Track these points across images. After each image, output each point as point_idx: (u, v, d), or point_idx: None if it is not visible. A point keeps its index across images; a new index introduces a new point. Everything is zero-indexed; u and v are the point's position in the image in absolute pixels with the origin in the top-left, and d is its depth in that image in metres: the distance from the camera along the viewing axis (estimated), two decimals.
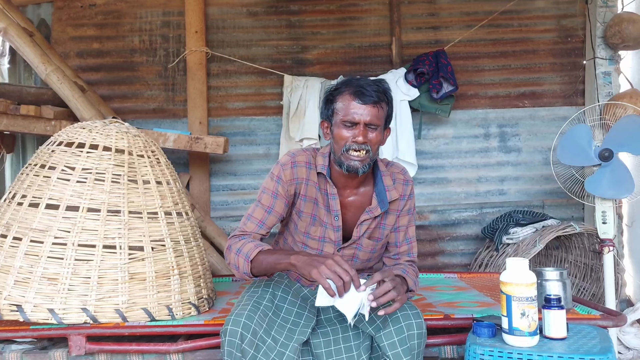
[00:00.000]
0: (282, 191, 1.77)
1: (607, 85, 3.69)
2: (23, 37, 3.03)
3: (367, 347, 1.69)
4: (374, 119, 1.68)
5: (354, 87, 1.70)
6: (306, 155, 1.81)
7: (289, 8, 3.88)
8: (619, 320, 1.91)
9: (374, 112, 1.68)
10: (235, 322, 1.56)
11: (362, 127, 1.67)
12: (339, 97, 1.72)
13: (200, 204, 3.63)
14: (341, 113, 1.70)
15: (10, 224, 1.96)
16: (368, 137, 1.68)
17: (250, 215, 1.79)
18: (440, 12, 3.91)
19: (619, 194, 2.96)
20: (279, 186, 1.77)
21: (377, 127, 1.70)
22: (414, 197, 1.90)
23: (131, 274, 1.93)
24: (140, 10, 3.85)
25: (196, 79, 3.74)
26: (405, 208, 1.86)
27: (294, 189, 1.79)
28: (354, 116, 1.67)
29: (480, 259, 3.52)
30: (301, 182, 1.78)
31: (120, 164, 2.02)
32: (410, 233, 1.88)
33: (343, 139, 1.69)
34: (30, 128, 3.18)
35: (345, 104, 1.69)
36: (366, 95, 1.67)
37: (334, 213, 1.79)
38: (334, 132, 1.73)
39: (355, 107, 1.67)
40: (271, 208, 1.77)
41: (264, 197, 1.78)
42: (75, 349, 1.81)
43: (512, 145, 3.89)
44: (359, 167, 1.69)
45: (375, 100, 1.68)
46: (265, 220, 1.77)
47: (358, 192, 1.82)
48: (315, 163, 1.80)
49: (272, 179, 1.79)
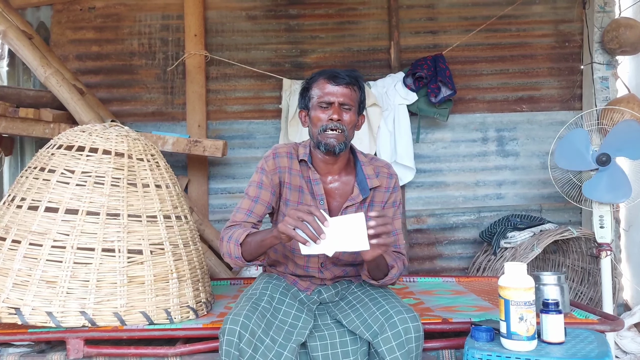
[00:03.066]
0: (266, 181, 1.84)
1: (605, 90, 3.70)
2: (22, 40, 3.03)
3: (364, 353, 1.70)
4: (347, 99, 1.80)
5: (327, 73, 1.84)
6: (287, 147, 1.91)
7: (288, 12, 3.90)
8: (617, 324, 1.92)
9: (347, 93, 1.80)
10: (234, 321, 1.56)
11: (336, 106, 1.79)
12: (314, 84, 1.84)
13: (198, 206, 3.64)
14: (316, 96, 1.82)
15: (9, 227, 1.96)
16: (342, 117, 1.79)
17: (239, 207, 1.85)
18: (438, 17, 3.92)
19: (617, 199, 2.97)
20: (263, 176, 1.85)
21: (351, 107, 1.81)
22: (399, 192, 1.95)
23: (130, 277, 1.93)
24: (139, 14, 3.86)
25: (195, 82, 3.75)
26: (390, 200, 1.90)
27: (278, 177, 1.86)
28: (328, 97, 1.79)
29: (478, 263, 3.53)
30: (284, 170, 1.86)
31: (119, 167, 2.02)
32: (396, 225, 1.91)
33: (320, 120, 1.80)
34: (29, 131, 3.18)
35: (320, 88, 1.82)
36: (339, 77, 1.80)
37: (319, 197, 1.84)
38: (312, 116, 1.83)
39: (329, 88, 1.80)
40: (257, 197, 1.84)
41: (250, 189, 1.86)
42: (73, 352, 1.81)
43: (510, 150, 3.91)
44: (335, 144, 1.78)
45: (348, 82, 1.80)
46: (253, 209, 1.82)
47: (340, 180, 1.88)
48: (297, 153, 1.89)
49: (257, 172, 1.87)
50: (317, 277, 1.89)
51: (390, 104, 3.65)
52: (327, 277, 1.89)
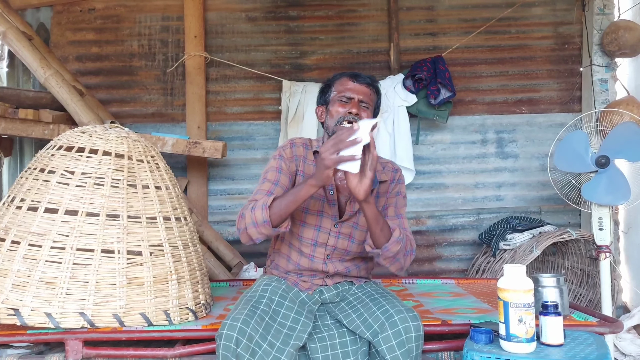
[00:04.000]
0: (284, 167, 1.89)
1: (604, 92, 3.71)
2: (22, 41, 3.03)
3: (364, 353, 1.70)
4: (366, 97, 1.88)
5: (349, 72, 1.93)
6: (303, 139, 2.01)
7: (287, 13, 3.90)
8: (616, 326, 1.92)
9: (367, 92, 1.89)
10: (231, 326, 1.56)
11: (356, 102, 1.86)
12: (336, 82, 1.93)
13: (198, 208, 3.64)
14: (337, 92, 1.89)
15: (8, 228, 1.95)
16: (360, 112, 1.85)
17: (259, 189, 1.85)
18: (438, 19, 3.93)
19: (616, 201, 2.97)
20: (282, 162, 1.90)
21: (369, 106, 1.88)
22: (404, 184, 2.00)
23: (129, 278, 1.93)
24: (139, 15, 3.86)
25: (195, 83, 3.75)
26: (394, 190, 1.96)
27: (295, 165, 1.92)
28: (349, 93, 1.87)
29: (478, 265, 3.53)
30: (299, 159, 1.93)
31: (119, 168, 2.02)
32: (400, 210, 1.94)
33: (338, 113, 1.86)
34: (28, 132, 3.18)
35: (342, 84, 1.90)
36: (361, 77, 1.90)
37: (329, 187, 1.87)
38: (330, 110, 1.90)
39: (350, 85, 1.88)
40: (277, 181, 1.86)
41: (269, 174, 1.88)
42: (72, 353, 1.81)
43: (510, 152, 3.91)
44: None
45: (369, 82, 1.90)
46: (274, 190, 1.83)
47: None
48: (311, 145, 1.97)
49: (275, 159, 1.92)
50: (320, 270, 1.89)
51: (389, 105, 3.65)
52: (330, 270, 1.89)
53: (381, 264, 1.83)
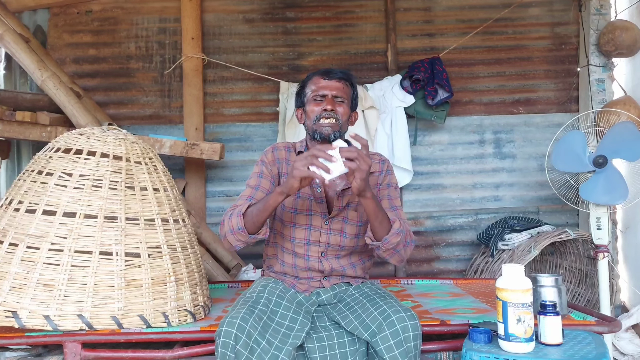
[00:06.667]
0: (266, 171, 1.94)
1: (601, 92, 3.72)
2: (19, 43, 3.02)
3: (362, 353, 1.70)
4: (340, 92, 1.90)
5: (321, 71, 1.96)
6: (285, 143, 2.04)
7: (285, 15, 3.90)
8: (614, 326, 1.92)
9: (340, 87, 1.90)
10: (230, 323, 1.57)
11: (330, 98, 1.88)
12: (308, 82, 1.95)
13: (196, 210, 3.63)
14: (311, 91, 1.92)
15: (6, 230, 1.95)
16: (336, 108, 1.87)
17: (240, 196, 1.93)
18: (435, 20, 3.93)
19: (613, 200, 2.98)
20: (263, 167, 1.95)
21: (344, 100, 1.90)
22: (393, 175, 2.01)
23: (127, 280, 1.93)
24: (136, 17, 3.86)
25: (192, 85, 3.75)
26: (384, 182, 1.96)
27: (277, 168, 1.96)
28: (322, 91, 1.89)
29: (476, 265, 3.53)
30: (282, 161, 1.96)
31: (117, 170, 2.02)
32: (395, 202, 1.94)
33: (314, 112, 1.89)
34: (25, 134, 3.17)
35: (314, 84, 1.92)
36: (332, 72, 1.92)
37: (315, 185, 1.89)
38: (307, 110, 1.92)
39: (322, 82, 1.91)
40: (258, 185, 1.91)
41: (251, 180, 1.95)
42: (70, 355, 1.80)
43: (507, 152, 3.91)
44: (329, 132, 1.86)
45: (340, 76, 1.91)
46: (254, 195, 1.88)
47: None
48: (295, 147, 2.01)
49: (257, 165, 1.98)
50: (317, 269, 1.89)
51: (387, 106, 3.65)
52: (327, 268, 1.89)
53: (382, 257, 1.83)
